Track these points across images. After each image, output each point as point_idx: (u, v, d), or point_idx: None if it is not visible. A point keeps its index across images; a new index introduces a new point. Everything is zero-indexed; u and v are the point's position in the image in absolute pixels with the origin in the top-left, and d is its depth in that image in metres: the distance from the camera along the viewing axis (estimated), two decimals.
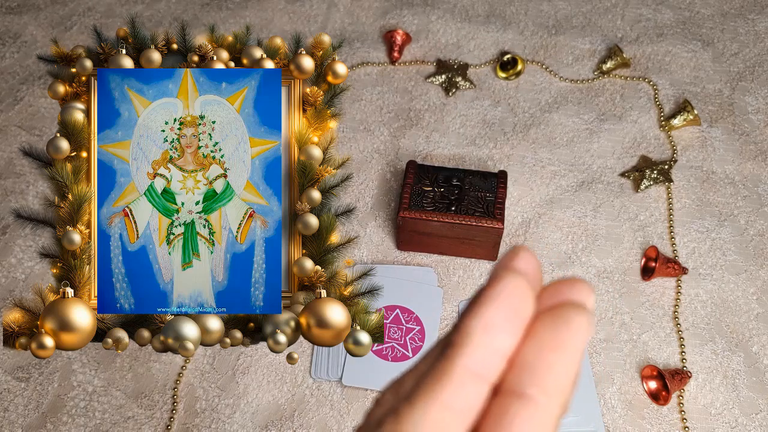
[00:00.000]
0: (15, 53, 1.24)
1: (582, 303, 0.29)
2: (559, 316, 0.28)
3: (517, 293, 0.29)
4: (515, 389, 0.28)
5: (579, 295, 0.29)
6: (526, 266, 0.30)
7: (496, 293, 0.28)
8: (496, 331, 0.28)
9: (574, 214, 1.08)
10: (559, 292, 0.30)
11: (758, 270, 1.03)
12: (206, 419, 0.92)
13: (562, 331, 0.28)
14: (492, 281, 0.29)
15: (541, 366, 0.28)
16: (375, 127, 1.16)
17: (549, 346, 0.28)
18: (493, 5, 1.31)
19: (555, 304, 0.29)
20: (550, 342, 0.28)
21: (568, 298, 0.29)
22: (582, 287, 0.30)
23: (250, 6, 1.30)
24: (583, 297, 0.29)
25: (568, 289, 0.30)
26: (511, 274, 0.29)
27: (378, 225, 1.07)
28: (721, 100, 1.19)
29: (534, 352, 0.28)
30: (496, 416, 0.27)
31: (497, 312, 0.28)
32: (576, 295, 0.29)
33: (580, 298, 0.29)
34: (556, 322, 0.28)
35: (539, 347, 0.28)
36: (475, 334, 0.28)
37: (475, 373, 0.28)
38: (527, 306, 0.29)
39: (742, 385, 0.94)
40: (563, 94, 1.20)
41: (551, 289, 0.30)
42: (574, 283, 0.30)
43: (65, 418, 0.92)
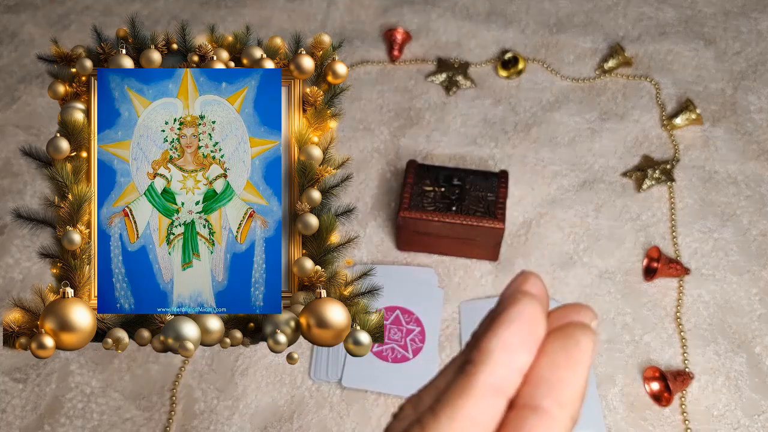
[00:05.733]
0: (12, 52, 1.23)
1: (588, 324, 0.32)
2: (569, 336, 0.32)
3: (533, 316, 0.32)
4: (531, 402, 0.30)
5: (585, 317, 0.33)
6: (537, 290, 0.33)
7: (514, 316, 0.32)
8: (515, 350, 0.31)
9: (575, 214, 1.07)
10: (568, 315, 0.33)
11: (761, 270, 1.02)
12: (204, 421, 0.91)
13: (572, 350, 0.31)
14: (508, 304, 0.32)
15: (555, 381, 0.31)
16: (375, 127, 1.16)
17: (561, 363, 0.31)
18: (494, 3, 1.30)
19: (564, 324, 0.32)
20: (562, 359, 0.31)
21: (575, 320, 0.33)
22: (587, 312, 0.33)
23: (249, 4, 1.29)
24: (588, 319, 0.33)
25: (575, 311, 0.33)
26: (527, 297, 0.32)
27: (378, 225, 1.06)
28: (723, 99, 1.19)
29: (548, 368, 0.31)
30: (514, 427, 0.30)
31: (516, 333, 0.31)
32: (582, 317, 0.33)
33: (586, 320, 0.33)
34: (566, 341, 0.32)
35: (552, 364, 0.31)
36: (494, 352, 0.31)
37: (495, 389, 0.30)
38: (541, 327, 0.32)
39: (744, 386, 0.94)
40: (565, 93, 1.20)
41: (560, 312, 0.33)
42: (580, 308, 0.33)
43: (63, 419, 0.91)
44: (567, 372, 0.31)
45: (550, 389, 0.30)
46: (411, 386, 0.94)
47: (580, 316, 0.33)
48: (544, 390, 0.30)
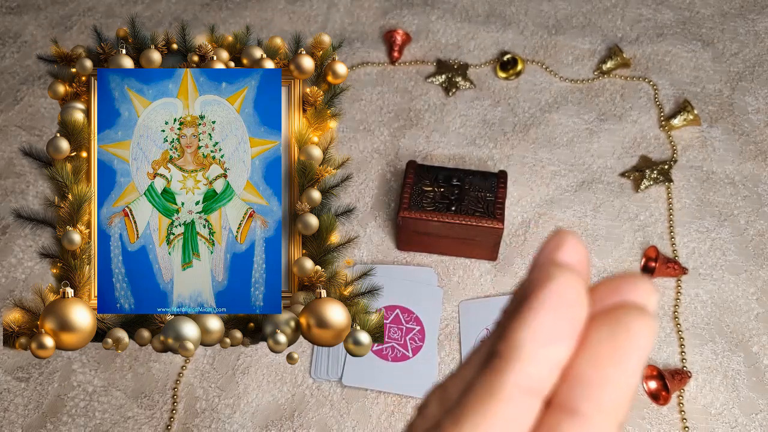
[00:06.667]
0: (15, 53, 1.24)
1: (643, 305, 0.25)
2: (618, 322, 0.25)
3: (569, 295, 0.25)
4: (568, 404, 0.25)
5: (640, 295, 0.26)
6: (575, 258, 0.26)
7: (546, 296, 0.25)
8: (549, 341, 0.25)
9: (574, 214, 1.08)
10: (617, 291, 0.26)
11: (758, 270, 1.03)
12: (206, 419, 0.92)
13: (621, 341, 0.25)
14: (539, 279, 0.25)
15: (597, 380, 0.25)
16: (375, 127, 1.16)
17: (606, 358, 0.25)
18: (493, 5, 1.31)
19: (612, 306, 0.26)
20: (607, 353, 0.25)
21: (627, 300, 0.26)
22: (643, 285, 0.26)
23: (250, 6, 1.30)
24: (645, 298, 0.26)
25: (627, 287, 0.26)
26: (561, 270, 0.25)
27: (378, 225, 1.07)
28: (721, 100, 1.19)
29: (589, 364, 0.25)
30: None
31: (549, 319, 0.25)
32: (636, 295, 0.26)
33: (641, 300, 0.26)
34: (614, 329, 0.25)
35: (595, 359, 0.25)
36: (525, 346, 0.25)
37: (526, 389, 0.25)
38: (581, 310, 0.25)
39: (742, 385, 0.94)
40: (563, 94, 1.20)
41: (607, 286, 0.26)
42: (635, 280, 0.26)
43: (65, 418, 0.92)
44: (613, 369, 0.25)
45: (591, 390, 0.25)
46: (411, 385, 0.95)
47: (634, 293, 0.26)
48: (584, 390, 0.25)
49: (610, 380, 0.25)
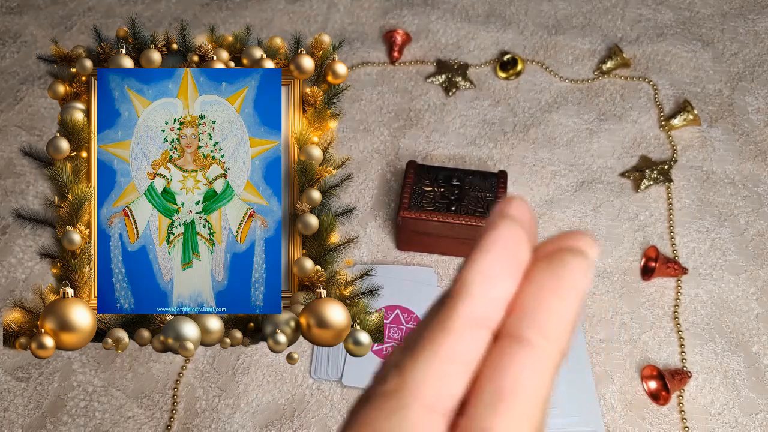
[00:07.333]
0: (15, 53, 1.24)
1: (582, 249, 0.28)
2: (559, 259, 0.28)
3: (512, 239, 0.28)
4: (514, 333, 0.27)
5: (580, 243, 0.29)
6: (519, 213, 0.29)
7: (492, 241, 0.28)
8: (495, 278, 0.28)
9: (574, 214, 1.08)
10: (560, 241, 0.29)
11: (758, 270, 1.03)
12: (206, 419, 0.92)
13: (561, 275, 0.28)
14: (487, 229, 0.28)
15: (540, 309, 0.27)
16: (375, 127, 1.16)
17: (548, 290, 0.27)
18: (493, 5, 1.31)
19: (554, 249, 0.29)
20: (549, 285, 0.27)
21: (567, 245, 0.29)
22: (583, 237, 0.29)
23: (250, 6, 1.30)
24: (584, 245, 0.29)
25: (570, 238, 0.29)
26: (506, 220, 0.28)
27: (378, 225, 1.07)
28: (721, 100, 1.19)
29: (533, 296, 0.28)
30: (494, 359, 0.27)
31: (494, 259, 0.28)
32: (577, 243, 0.29)
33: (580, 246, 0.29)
34: (554, 265, 0.28)
35: (538, 291, 0.28)
36: (473, 283, 0.27)
37: (475, 322, 0.27)
38: (524, 250, 0.28)
39: (742, 385, 0.94)
40: (563, 94, 1.20)
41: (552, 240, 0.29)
42: (576, 234, 0.29)
43: (65, 418, 0.92)
44: (554, 299, 0.27)
45: (535, 319, 0.27)
46: None
47: (575, 242, 0.29)
48: (528, 319, 0.27)
49: (552, 310, 0.27)
